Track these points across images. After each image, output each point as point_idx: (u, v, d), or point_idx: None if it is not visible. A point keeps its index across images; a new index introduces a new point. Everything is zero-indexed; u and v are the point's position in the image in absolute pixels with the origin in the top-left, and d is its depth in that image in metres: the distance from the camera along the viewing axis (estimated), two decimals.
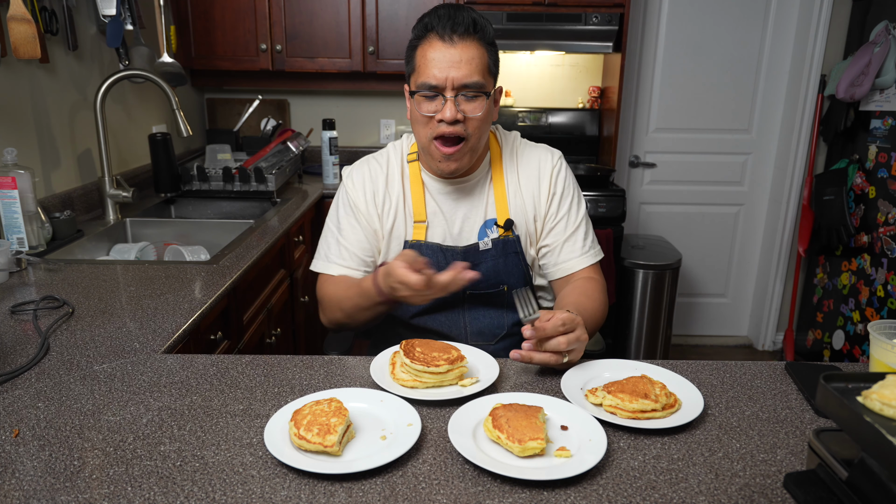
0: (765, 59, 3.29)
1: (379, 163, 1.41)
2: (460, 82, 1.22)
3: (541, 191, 1.38)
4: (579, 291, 1.32)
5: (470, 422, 0.90)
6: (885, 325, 0.99)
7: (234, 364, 1.10)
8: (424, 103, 1.25)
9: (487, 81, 1.25)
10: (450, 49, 1.21)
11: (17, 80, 1.85)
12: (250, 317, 1.83)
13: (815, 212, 3.12)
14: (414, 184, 1.38)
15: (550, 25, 2.88)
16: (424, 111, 1.25)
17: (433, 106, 1.24)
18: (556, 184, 1.39)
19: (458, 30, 1.21)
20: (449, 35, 1.21)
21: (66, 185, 2.08)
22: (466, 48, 1.22)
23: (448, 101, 1.22)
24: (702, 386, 1.05)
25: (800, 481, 0.75)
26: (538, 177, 1.38)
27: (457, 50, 1.21)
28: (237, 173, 2.51)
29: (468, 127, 1.25)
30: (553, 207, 1.38)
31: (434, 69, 1.22)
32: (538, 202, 1.38)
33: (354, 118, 3.39)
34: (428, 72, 1.22)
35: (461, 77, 1.21)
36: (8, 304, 1.37)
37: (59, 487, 0.77)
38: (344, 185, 1.42)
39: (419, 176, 1.38)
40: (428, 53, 1.23)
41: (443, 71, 1.21)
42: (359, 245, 1.38)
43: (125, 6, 2.20)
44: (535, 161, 1.40)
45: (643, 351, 3.07)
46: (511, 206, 1.37)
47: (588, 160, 3.33)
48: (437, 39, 1.22)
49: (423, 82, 1.24)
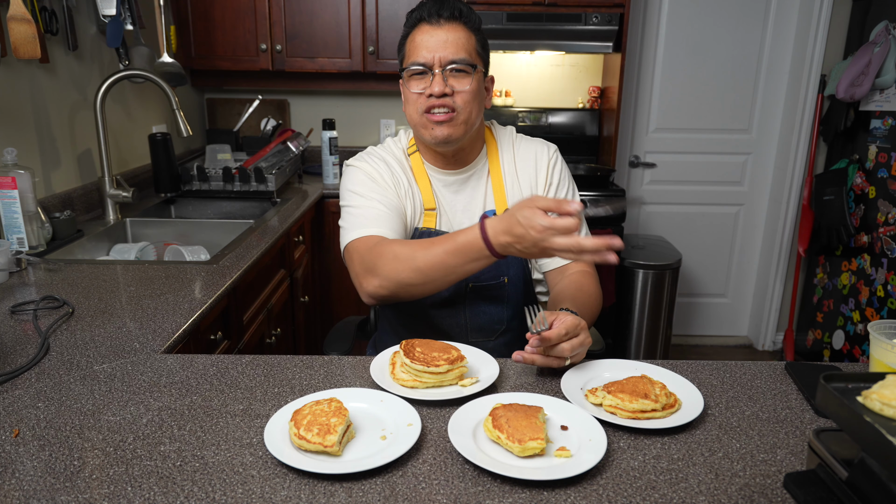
0: (765, 59, 3.29)
1: (381, 155, 1.41)
2: (448, 59, 1.26)
3: (538, 181, 1.40)
4: (575, 287, 1.33)
5: (470, 422, 0.90)
6: (885, 325, 0.99)
7: (234, 364, 1.10)
8: (414, 82, 1.30)
9: (475, 60, 1.30)
10: (437, 30, 1.27)
11: (17, 80, 1.86)
12: (250, 317, 1.83)
13: (815, 212, 3.13)
14: (418, 174, 1.40)
15: (550, 25, 2.89)
16: (414, 89, 1.29)
17: (423, 83, 1.29)
18: (552, 174, 1.41)
19: (444, 13, 1.28)
20: (436, 18, 1.28)
21: (66, 185, 2.08)
22: (453, 30, 1.28)
23: (436, 75, 1.27)
24: (702, 386, 1.05)
25: (800, 481, 0.75)
26: (535, 168, 1.41)
27: (443, 31, 1.27)
28: (237, 173, 2.51)
29: (457, 100, 1.28)
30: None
31: (423, 50, 1.27)
32: (535, 193, 1.40)
33: (354, 118, 3.39)
34: (417, 53, 1.28)
35: (448, 55, 1.26)
36: (8, 304, 1.37)
37: (59, 487, 0.77)
38: (356, 167, 1.38)
39: (421, 164, 1.41)
40: (416, 38, 1.29)
41: (431, 51, 1.27)
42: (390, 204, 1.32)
43: (125, 6, 2.20)
44: (532, 153, 1.42)
45: (643, 351, 3.07)
46: (509, 198, 1.39)
47: (588, 160, 3.33)
48: (426, 24, 1.29)
49: (412, 61, 1.29)
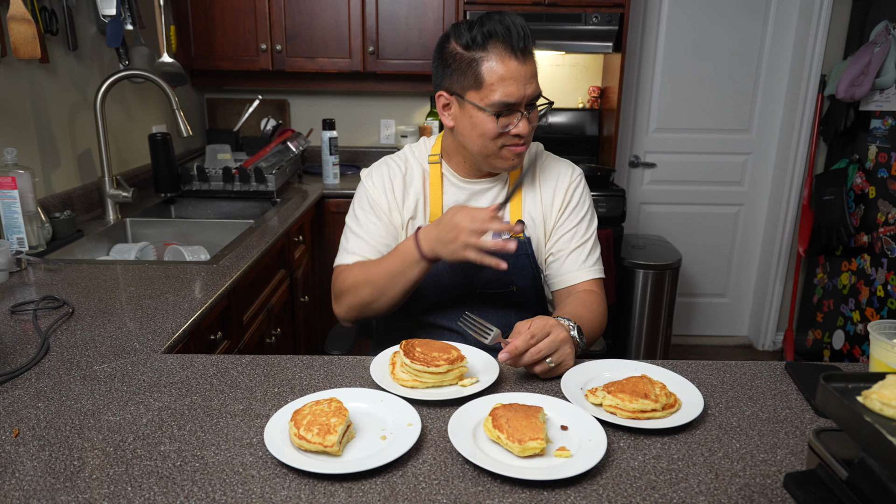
0: (765, 59, 3.29)
1: (397, 163, 1.41)
2: (533, 95, 1.22)
3: (555, 199, 1.39)
4: (577, 301, 1.32)
5: (470, 422, 0.90)
6: (885, 325, 0.99)
7: (234, 364, 1.10)
8: (501, 119, 1.23)
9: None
10: (522, 66, 1.20)
11: (17, 80, 1.86)
12: (250, 317, 1.83)
13: (815, 212, 3.12)
14: (434, 185, 1.39)
15: (550, 25, 2.89)
16: (501, 127, 1.23)
17: (507, 120, 1.23)
18: (571, 196, 1.40)
19: (527, 43, 1.20)
20: (521, 50, 1.19)
21: (66, 185, 2.08)
22: (533, 62, 1.22)
23: (523, 117, 1.23)
24: (702, 386, 1.05)
25: (800, 481, 0.75)
26: (555, 186, 1.40)
27: (528, 66, 1.21)
28: (237, 173, 2.51)
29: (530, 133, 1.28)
30: (564, 216, 1.39)
31: (511, 87, 1.19)
32: (551, 210, 1.39)
33: (354, 118, 3.39)
34: (504, 88, 1.20)
35: (532, 92, 1.22)
36: (8, 304, 1.37)
37: (59, 487, 0.77)
38: (363, 184, 1.41)
39: (440, 176, 1.39)
40: (499, 69, 1.19)
41: (520, 89, 1.20)
42: (378, 236, 1.37)
43: (125, 6, 2.20)
44: (556, 172, 1.41)
45: (643, 351, 3.07)
46: (525, 212, 1.39)
47: (588, 160, 3.33)
48: (509, 55, 1.19)
49: (500, 101, 1.20)
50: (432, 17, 2.94)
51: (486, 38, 1.19)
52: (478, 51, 1.20)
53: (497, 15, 1.21)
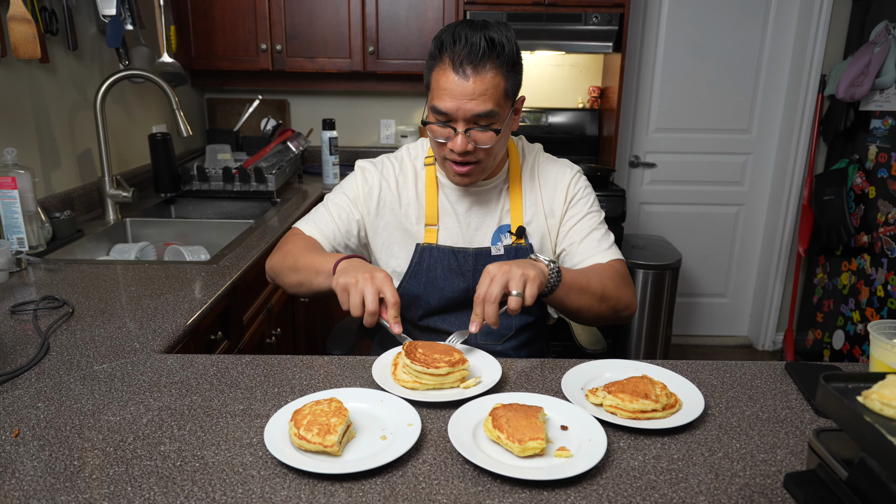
0: (765, 59, 3.29)
1: (392, 163, 1.41)
2: (472, 113, 1.17)
3: (556, 198, 1.38)
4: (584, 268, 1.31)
5: (470, 422, 0.90)
6: (885, 325, 0.99)
7: (234, 364, 1.10)
8: (436, 127, 1.22)
9: (503, 108, 1.20)
10: (463, 82, 1.16)
11: (17, 80, 1.85)
12: (250, 317, 1.83)
13: (815, 212, 3.12)
14: (429, 187, 1.38)
15: (550, 25, 2.89)
16: (437, 136, 1.23)
17: (445, 132, 1.21)
18: (574, 190, 1.38)
19: (473, 60, 1.15)
20: (462, 67, 1.15)
21: (66, 185, 2.08)
22: (480, 80, 1.16)
23: (459, 134, 1.19)
24: (702, 386, 1.05)
25: (800, 481, 0.75)
26: (555, 186, 1.38)
27: (469, 84, 1.16)
28: (237, 173, 2.51)
29: (479, 154, 1.23)
30: (570, 210, 1.38)
31: (446, 98, 1.18)
32: (554, 209, 1.38)
33: (354, 118, 3.39)
34: (440, 98, 1.19)
35: (472, 108, 1.17)
36: (8, 304, 1.37)
37: (59, 487, 0.77)
38: (354, 174, 1.41)
39: (434, 179, 1.38)
40: (441, 81, 1.18)
41: (455, 102, 1.17)
42: (344, 224, 1.37)
43: (125, 6, 2.20)
44: (554, 173, 1.40)
45: (643, 351, 3.07)
46: (526, 216, 1.37)
47: (588, 160, 3.33)
48: (450, 69, 1.17)
49: (434, 105, 1.20)
50: (432, 17, 2.94)
51: (439, 47, 1.19)
52: (436, 56, 1.20)
53: (461, 26, 1.18)
